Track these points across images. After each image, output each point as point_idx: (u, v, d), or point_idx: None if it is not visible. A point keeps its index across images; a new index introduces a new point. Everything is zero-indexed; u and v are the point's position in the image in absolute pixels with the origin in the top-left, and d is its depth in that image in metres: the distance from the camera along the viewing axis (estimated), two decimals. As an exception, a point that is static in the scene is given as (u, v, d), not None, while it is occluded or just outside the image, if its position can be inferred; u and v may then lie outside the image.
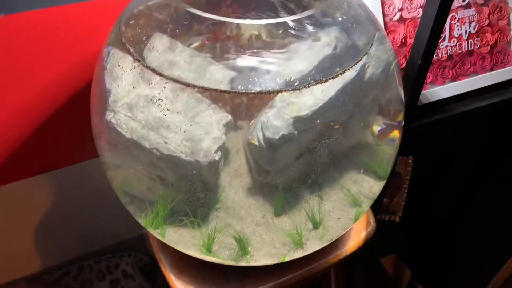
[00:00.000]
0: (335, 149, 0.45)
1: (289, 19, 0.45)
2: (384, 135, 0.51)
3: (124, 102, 0.45)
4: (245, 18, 0.53)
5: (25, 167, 0.64)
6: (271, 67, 0.42)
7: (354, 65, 0.43)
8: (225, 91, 0.40)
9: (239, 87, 0.40)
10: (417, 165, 0.84)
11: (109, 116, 0.46)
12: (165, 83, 0.41)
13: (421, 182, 0.92)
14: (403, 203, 0.97)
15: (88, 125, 0.64)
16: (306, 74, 0.42)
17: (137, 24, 0.45)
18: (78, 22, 0.55)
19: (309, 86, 0.41)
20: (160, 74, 0.41)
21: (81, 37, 0.56)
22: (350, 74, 0.44)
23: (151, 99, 0.43)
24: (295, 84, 0.41)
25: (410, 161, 0.94)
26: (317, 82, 0.41)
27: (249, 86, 0.41)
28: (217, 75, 0.42)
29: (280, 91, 0.41)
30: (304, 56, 0.43)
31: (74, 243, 0.79)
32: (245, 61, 0.42)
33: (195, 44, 0.51)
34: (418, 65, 0.53)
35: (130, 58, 0.44)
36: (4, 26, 0.51)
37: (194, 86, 0.41)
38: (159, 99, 0.42)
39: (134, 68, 0.42)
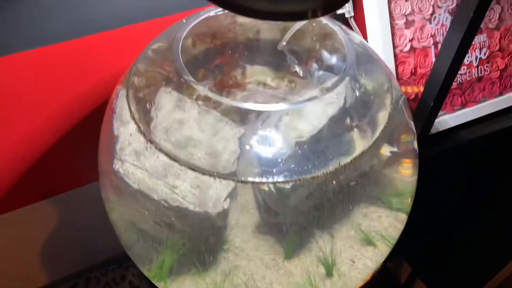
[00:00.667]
0: (346, 186, 0.45)
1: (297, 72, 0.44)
2: (397, 165, 0.51)
3: (131, 149, 0.45)
4: (252, 64, 0.51)
5: (30, 193, 0.64)
6: (280, 124, 0.41)
7: (374, 141, 0.42)
8: (234, 179, 0.39)
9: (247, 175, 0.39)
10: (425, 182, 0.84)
11: (117, 165, 0.45)
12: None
13: (428, 197, 0.92)
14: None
15: (88, 150, 0.64)
16: (315, 134, 0.41)
17: (147, 75, 0.44)
18: (75, 58, 0.54)
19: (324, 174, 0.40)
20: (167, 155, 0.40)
21: (78, 72, 0.55)
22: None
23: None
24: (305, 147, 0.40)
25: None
26: (331, 170, 0.40)
27: (259, 140, 0.40)
28: (227, 134, 0.42)
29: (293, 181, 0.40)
30: (313, 113, 0.42)
31: (80, 256, 0.80)
32: (254, 114, 0.41)
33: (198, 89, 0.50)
34: (434, 99, 0.52)
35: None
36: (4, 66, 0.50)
37: (204, 171, 0.40)
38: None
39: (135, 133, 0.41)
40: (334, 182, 0.41)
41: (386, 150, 0.48)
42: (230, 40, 0.51)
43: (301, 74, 0.51)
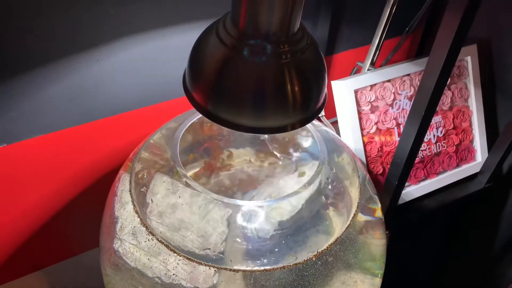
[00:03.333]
0: (326, 262, 0.49)
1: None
2: (368, 234, 0.55)
3: (130, 228, 0.48)
4: (237, 147, 0.57)
5: (20, 265, 0.66)
6: (263, 207, 0.46)
7: (348, 226, 0.47)
8: (223, 268, 0.43)
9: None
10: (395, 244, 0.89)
11: (116, 244, 0.48)
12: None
13: (397, 253, 0.97)
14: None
15: (79, 223, 0.66)
16: (295, 214, 0.46)
17: (146, 162, 0.49)
18: (73, 144, 0.58)
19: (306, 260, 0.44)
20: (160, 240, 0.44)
21: (75, 157, 0.60)
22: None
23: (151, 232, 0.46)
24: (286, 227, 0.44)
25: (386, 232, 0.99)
26: (311, 257, 0.44)
27: (244, 221, 0.45)
28: (215, 215, 0.46)
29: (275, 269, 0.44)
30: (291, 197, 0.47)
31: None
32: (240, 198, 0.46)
33: (192, 172, 0.54)
34: (399, 174, 0.58)
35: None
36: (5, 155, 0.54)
37: (192, 258, 0.43)
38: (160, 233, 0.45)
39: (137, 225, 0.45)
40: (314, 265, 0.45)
41: (358, 220, 0.53)
42: (218, 129, 0.57)
43: (280, 157, 0.57)
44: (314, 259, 0.43)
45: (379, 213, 0.56)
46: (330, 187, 0.48)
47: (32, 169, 0.57)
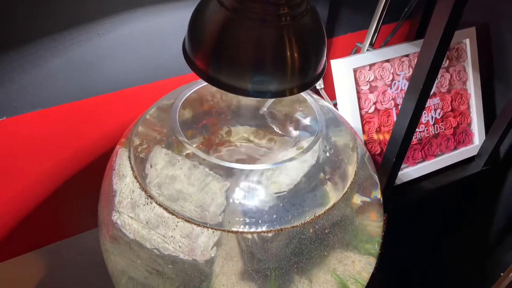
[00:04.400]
0: (321, 234, 0.49)
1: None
2: (365, 213, 0.56)
3: (128, 201, 0.48)
4: (235, 125, 0.57)
5: (20, 244, 0.66)
6: (262, 179, 0.46)
7: (344, 194, 0.47)
8: (221, 229, 0.43)
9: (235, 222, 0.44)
10: (392, 225, 0.89)
11: (115, 217, 0.48)
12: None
13: (396, 234, 0.97)
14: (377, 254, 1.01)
15: (78, 201, 0.66)
16: (293, 187, 0.46)
17: (144, 136, 0.49)
18: (73, 120, 0.58)
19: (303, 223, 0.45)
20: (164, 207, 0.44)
21: (72, 133, 0.60)
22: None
23: (150, 202, 0.46)
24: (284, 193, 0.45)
25: (384, 218, 0.99)
26: (308, 220, 0.45)
27: (243, 192, 0.45)
28: (214, 188, 0.46)
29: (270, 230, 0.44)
30: (290, 169, 0.47)
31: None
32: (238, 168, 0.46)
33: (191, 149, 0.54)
34: (395, 156, 0.58)
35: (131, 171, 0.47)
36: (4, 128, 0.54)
37: (195, 222, 0.44)
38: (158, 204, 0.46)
39: (136, 190, 0.45)
40: (311, 230, 0.45)
41: (355, 200, 0.53)
42: (216, 105, 0.57)
43: (279, 133, 0.57)
44: (310, 223, 0.43)
45: (378, 193, 0.56)
46: (328, 160, 0.49)
47: (31, 144, 0.57)
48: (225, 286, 0.49)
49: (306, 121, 0.55)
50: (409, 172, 0.69)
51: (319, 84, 0.51)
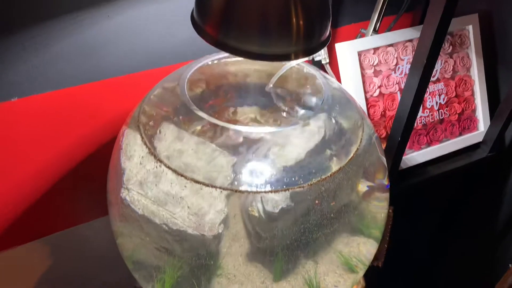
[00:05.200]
0: (328, 215, 0.50)
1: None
2: (371, 197, 0.56)
3: (136, 179, 0.49)
4: (241, 105, 0.58)
5: (25, 232, 0.66)
6: (269, 153, 0.47)
7: (347, 162, 0.47)
8: (230, 189, 0.44)
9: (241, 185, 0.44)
10: (397, 213, 0.89)
11: (124, 193, 0.49)
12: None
13: (402, 228, 0.97)
14: (385, 250, 1.01)
15: (84, 190, 0.66)
16: (301, 160, 0.46)
17: (151, 114, 0.50)
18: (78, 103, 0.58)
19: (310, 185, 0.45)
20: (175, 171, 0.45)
21: (80, 117, 0.60)
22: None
23: (159, 177, 0.46)
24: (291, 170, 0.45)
25: (390, 210, 0.99)
26: (316, 181, 0.45)
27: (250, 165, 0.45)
28: (221, 162, 0.47)
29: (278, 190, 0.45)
30: (297, 144, 0.48)
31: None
32: (245, 145, 0.47)
33: (198, 127, 0.55)
34: (401, 135, 0.58)
35: (140, 141, 0.48)
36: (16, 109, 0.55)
37: (207, 184, 0.44)
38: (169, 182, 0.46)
39: (145, 155, 0.46)
40: (317, 202, 0.46)
41: (361, 185, 0.54)
42: (221, 85, 0.57)
43: (285, 112, 0.58)
44: (317, 188, 0.44)
45: (385, 177, 0.56)
46: (334, 138, 0.49)
47: (41, 125, 0.58)
48: (232, 267, 0.50)
49: (312, 99, 0.55)
50: (415, 156, 0.69)
51: (325, 59, 0.51)
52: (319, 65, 0.62)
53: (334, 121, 0.50)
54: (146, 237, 0.49)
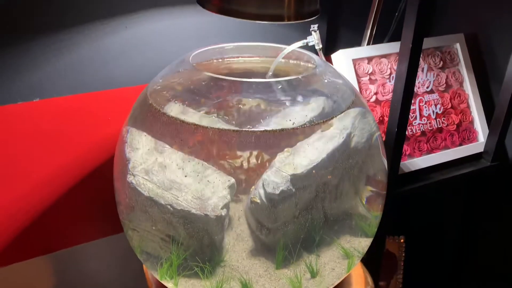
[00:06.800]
0: (329, 206, 0.50)
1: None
2: (370, 199, 0.56)
3: (142, 168, 0.52)
4: (246, 97, 0.61)
5: (30, 247, 0.66)
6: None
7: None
8: (235, 130, 0.46)
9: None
10: (408, 241, 0.86)
11: (130, 178, 0.51)
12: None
13: (415, 259, 0.93)
14: (400, 286, 0.95)
15: (89, 208, 0.68)
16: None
17: (157, 95, 0.54)
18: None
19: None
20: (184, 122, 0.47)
21: (94, 122, 0.63)
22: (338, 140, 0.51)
23: (164, 166, 0.49)
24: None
25: (402, 241, 0.95)
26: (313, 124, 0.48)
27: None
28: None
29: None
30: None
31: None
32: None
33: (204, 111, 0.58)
34: (395, 136, 0.61)
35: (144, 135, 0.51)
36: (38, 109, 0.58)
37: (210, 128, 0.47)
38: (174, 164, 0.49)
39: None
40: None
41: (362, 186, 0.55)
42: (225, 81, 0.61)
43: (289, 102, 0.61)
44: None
45: (384, 177, 0.57)
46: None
47: (60, 128, 0.61)
48: (236, 261, 0.50)
49: (316, 90, 0.58)
50: (416, 161, 0.70)
51: (317, 44, 0.55)
52: (312, 49, 0.66)
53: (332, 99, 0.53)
54: (151, 225, 0.51)
